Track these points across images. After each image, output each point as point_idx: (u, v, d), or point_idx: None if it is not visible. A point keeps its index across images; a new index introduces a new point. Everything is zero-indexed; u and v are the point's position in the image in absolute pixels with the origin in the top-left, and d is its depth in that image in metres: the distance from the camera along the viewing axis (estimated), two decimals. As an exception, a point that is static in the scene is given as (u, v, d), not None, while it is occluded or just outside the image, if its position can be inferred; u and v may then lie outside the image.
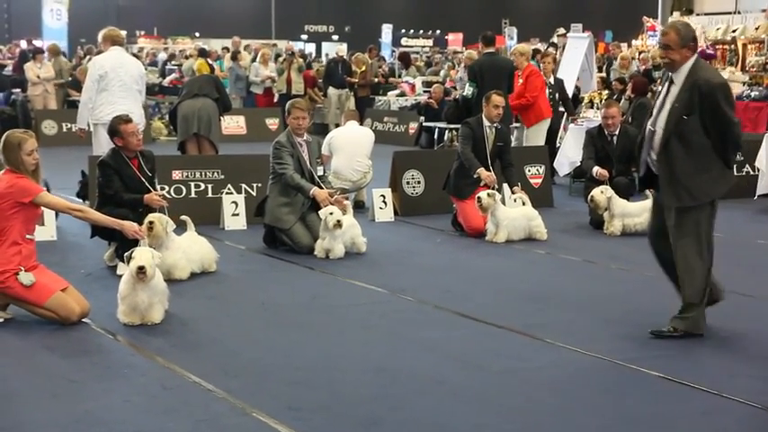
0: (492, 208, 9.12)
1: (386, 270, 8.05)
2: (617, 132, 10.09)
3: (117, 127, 7.69)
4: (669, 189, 6.00)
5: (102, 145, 9.84)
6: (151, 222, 7.17)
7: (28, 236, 6.18)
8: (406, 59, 23.13)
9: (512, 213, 9.33)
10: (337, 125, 15.67)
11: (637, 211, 9.63)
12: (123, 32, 10.41)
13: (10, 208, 6.07)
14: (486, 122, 9.51)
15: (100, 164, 7.79)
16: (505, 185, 9.84)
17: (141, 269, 6.03)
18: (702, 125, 5.89)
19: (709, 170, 5.94)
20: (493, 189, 9.21)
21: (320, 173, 8.82)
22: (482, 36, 13.10)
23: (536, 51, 18.90)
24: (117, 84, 9.62)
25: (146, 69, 17.60)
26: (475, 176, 9.33)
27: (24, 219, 6.14)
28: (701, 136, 5.91)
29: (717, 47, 18.50)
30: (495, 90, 9.75)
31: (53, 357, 5.60)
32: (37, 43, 23.23)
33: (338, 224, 8.18)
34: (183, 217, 7.66)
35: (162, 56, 28.56)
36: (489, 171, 9.36)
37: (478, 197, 9.10)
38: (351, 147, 10.71)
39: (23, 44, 26.64)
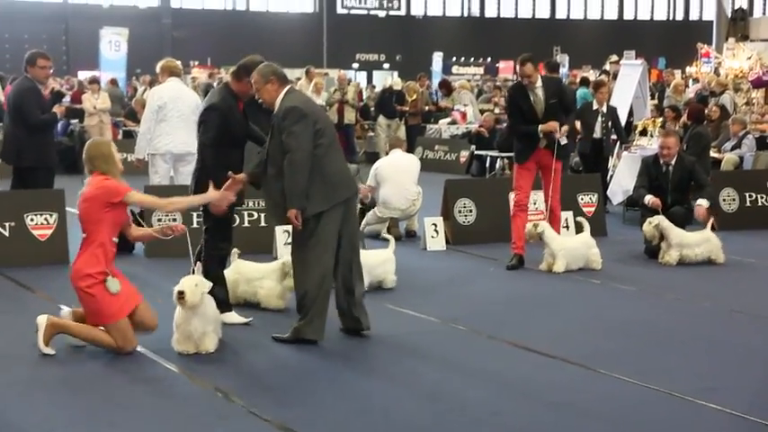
0: (534, 239, 9.06)
1: (438, 299, 8.03)
2: (673, 162, 9.96)
3: (250, 67, 6.74)
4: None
5: (160, 174, 9.96)
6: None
7: (114, 239, 6.24)
8: (447, 86, 23.23)
9: (569, 243, 9.25)
10: (385, 153, 15.72)
11: (696, 241, 9.48)
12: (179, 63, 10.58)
13: (100, 209, 6.13)
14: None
15: (209, 109, 6.83)
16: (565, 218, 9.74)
17: (180, 294, 6.06)
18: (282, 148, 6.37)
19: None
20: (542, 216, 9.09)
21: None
22: (546, 62, 13.04)
23: (586, 80, 18.85)
24: (176, 114, 9.74)
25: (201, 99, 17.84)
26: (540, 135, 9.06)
27: (112, 222, 6.20)
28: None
29: (772, 73, 18.26)
30: (524, 54, 9.34)
31: (109, 386, 5.66)
32: (95, 74, 23.64)
33: None
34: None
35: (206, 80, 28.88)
36: (539, 136, 9.08)
37: (528, 231, 9.06)
38: (398, 175, 10.72)
39: (81, 75, 27.18)
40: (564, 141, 9.22)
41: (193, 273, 6.45)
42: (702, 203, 9.66)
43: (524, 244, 9.35)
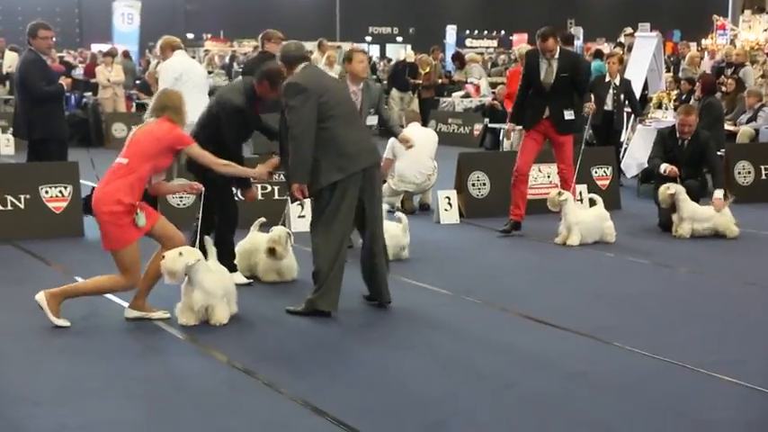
0: (556, 208, 9.07)
1: (451, 272, 8.04)
2: (689, 137, 9.90)
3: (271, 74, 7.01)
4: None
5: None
6: (272, 249, 7.31)
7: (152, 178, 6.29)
8: (460, 59, 23.15)
9: (585, 216, 9.23)
10: (401, 127, 15.66)
11: (707, 215, 9.44)
12: (183, 37, 10.60)
13: (160, 150, 6.19)
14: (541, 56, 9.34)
15: (234, 110, 7.06)
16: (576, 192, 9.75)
17: (162, 257, 6.10)
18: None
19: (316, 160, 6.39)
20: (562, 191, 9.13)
21: (370, 122, 8.43)
22: (560, 35, 12.96)
23: (599, 52, 18.70)
24: (190, 85, 9.73)
25: (211, 72, 17.86)
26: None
27: (157, 165, 6.24)
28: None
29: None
30: (545, 29, 9.41)
31: (125, 358, 5.70)
32: (106, 47, 23.63)
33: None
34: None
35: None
36: (545, 105, 9.26)
37: (551, 197, 9.09)
38: (415, 149, 10.66)
39: (94, 48, 27.14)
40: (569, 116, 9.25)
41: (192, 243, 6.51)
42: (719, 195, 9.56)
43: (523, 212, 9.42)
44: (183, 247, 6.22)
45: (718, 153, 11.55)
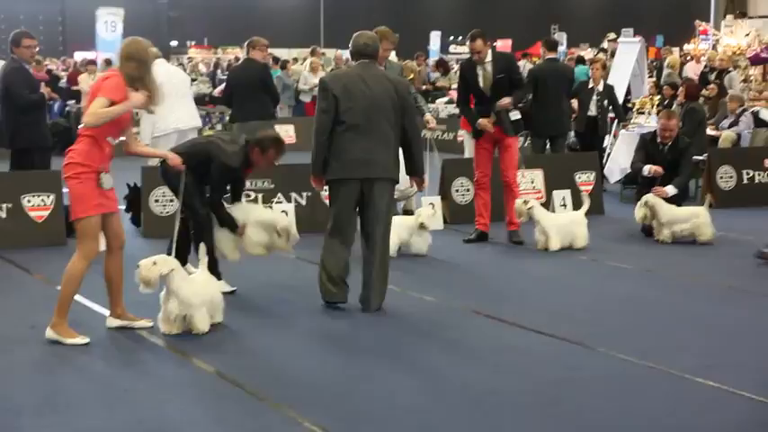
0: (524, 217, 9.07)
1: (435, 279, 8.04)
2: (670, 142, 9.93)
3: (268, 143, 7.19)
4: None
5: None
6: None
7: (109, 138, 6.07)
8: (443, 65, 23.18)
9: (560, 220, 9.26)
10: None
11: (685, 217, 9.47)
12: (167, 45, 10.65)
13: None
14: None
15: (228, 168, 7.14)
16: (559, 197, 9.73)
17: (137, 267, 6.07)
18: None
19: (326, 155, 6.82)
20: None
21: None
22: (545, 41, 12.98)
23: (581, 58, 18.79)
24: (174, 92, 9.73)
25: (195, 80, 17.78)
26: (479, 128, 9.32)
27: (114, 121, 6.01)
28: None
29: (771, 50, 18.18)
30: (474, 30, 9.46)
31: (108, 367, 5.67)
32: (90, 55, 23.57)
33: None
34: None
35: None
36: (490, 112, 9.20)
37: (517, 208, 9.09)
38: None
39: (77, 56, 27.07)
40: (515, 117, 9.28)
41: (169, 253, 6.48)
42: (668, 190, 9.61)
43: (487, 221, 9.50)
44: (157, 256, 6.19)
45: (701, 158, 11.64)
